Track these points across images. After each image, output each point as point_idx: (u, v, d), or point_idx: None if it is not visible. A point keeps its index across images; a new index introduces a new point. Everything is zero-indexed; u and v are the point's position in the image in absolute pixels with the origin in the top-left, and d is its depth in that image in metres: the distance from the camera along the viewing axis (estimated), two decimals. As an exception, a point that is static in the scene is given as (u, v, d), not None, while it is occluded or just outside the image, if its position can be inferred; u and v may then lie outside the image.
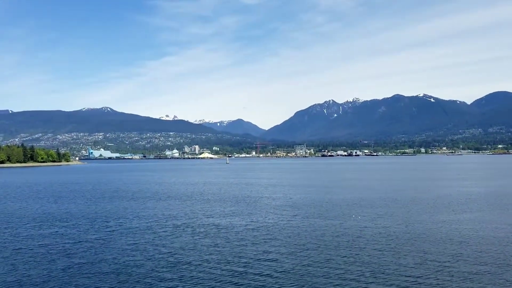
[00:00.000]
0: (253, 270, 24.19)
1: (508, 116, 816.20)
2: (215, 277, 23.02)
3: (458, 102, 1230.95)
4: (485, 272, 23.10)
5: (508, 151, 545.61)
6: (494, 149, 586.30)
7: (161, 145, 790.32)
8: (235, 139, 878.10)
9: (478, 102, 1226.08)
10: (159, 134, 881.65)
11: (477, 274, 22.65)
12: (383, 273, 23.22)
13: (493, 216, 41.28)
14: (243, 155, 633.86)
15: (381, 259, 26.08)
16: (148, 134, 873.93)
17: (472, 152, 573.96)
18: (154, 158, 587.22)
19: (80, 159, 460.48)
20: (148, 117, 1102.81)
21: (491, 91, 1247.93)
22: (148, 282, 22.41)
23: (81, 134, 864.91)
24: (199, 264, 25.57)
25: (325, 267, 24.54)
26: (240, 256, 27.18)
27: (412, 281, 21.75)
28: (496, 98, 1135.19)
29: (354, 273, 23.18)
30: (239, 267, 24.86)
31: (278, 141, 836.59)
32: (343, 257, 26.62)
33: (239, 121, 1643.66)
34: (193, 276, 23.34)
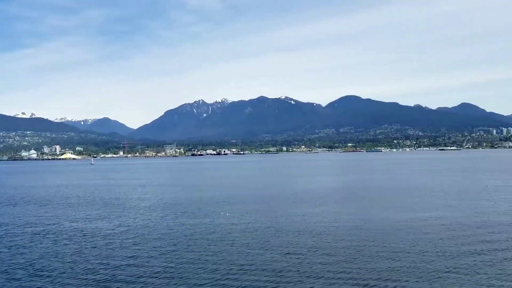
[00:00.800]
0: (121, 275, 23.14)
1: (356, 118, 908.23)
2: (80, 286, 21.52)
3: (314, 104, 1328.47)
4: (340, 260, 25.25)
5: (356, 149, 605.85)
6: (345, 147, 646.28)
7: (16, 145, 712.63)
8: (101, 139, 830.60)
9: (331, 105, 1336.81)
10: (13, 133, 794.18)
11: (333, 264, 24.63)
12: (251, 265, 24.02)
13: (346, 208, 45.44)
14: (110, 156, 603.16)
15: (249, 253, 26.95)
16: (1, 134, 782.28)
17: (326, 150, 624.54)
18: (7, 160, 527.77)
19: None
20: (1, 114, 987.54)
21: (343, 95, 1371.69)
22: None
23: None
24: (63, 273, 23.65)
25: (196, 265, 24.54)
26: (108, 262, 25.80)
27: (277, 273, 22.84)
28: (346, 101, 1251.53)
29: (224, 269, 23.57)
30: (106, 273, 23.57)
31: (148, 140, 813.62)
32: (214, 254, 26.92)
33: (106, 119, 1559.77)
34: (55, 287, 21.51)
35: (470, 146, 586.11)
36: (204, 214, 43.01)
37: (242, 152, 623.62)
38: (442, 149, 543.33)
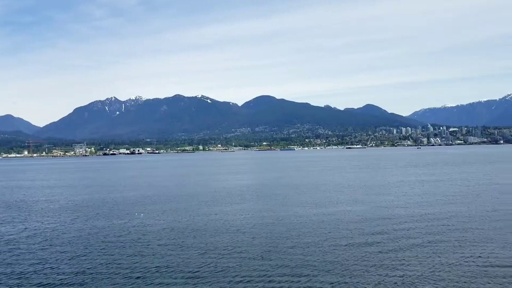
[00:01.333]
0: (27, 283, 21.53)
1: (271, 117, 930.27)
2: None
3: (231, 103, 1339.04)
4: (256, 258, 25.65)
5: (271, 148, 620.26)
6: (260, 146, 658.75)
7: None
8: (3, 137, 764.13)
9: (247, 104, 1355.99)
10: None
11: (248, 262, 24.96)
12: (167, 267, 23.55)
13: (262, 205, 46.30)
14: (13, 155, 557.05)
15: (166, 254, 26.43)
16: None
17: (242, 149, 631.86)
18: None
19: None
20: None
21: (258, 95, 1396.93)
22: None
23: None
24: (-42, 285, 21.45)
25: (110, 269, 23.52)
26: (12, 270, 23.87)
27: (194, 273, 22.64)
28: (262, 101, 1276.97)
29: (140, 272, 22.87)
30: (10, 282, 21.78)
31: (55, 139, 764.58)
32: (128, 257, 26.00)
33: (8, 117, 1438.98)
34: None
35: (373, 145, 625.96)
36: (118, 216, 41.42)
37: (157, 152, 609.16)
38: (349, 147, 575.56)
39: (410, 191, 55.68)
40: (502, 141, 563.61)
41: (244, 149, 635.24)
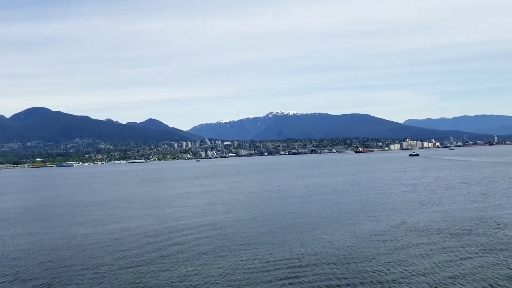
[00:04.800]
0: None
1: (45, 131, 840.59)
2: None
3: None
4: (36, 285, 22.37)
5: (45, 164, 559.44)
6: (33, 162, 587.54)
7: None
8: None
9: (17, 116, 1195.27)
10: None
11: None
12: None
13: (41, 228, 40.87)
14: None
15: None
16: None
17: (11, 166, 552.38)
18: None
19: None
20: None
21: (30, 106, 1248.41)
22: None
23: None
24: None
25: None
26: None
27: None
28: (34, 113, 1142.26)
29: None
30: None
31: None
32: None
33: None
34: None
35: (156, 158, 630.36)
36: None
37: None
38: (132, 162, 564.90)
39: (196, 202, 57.72)
40: (266, 153, 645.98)
41: (13, 166, 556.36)
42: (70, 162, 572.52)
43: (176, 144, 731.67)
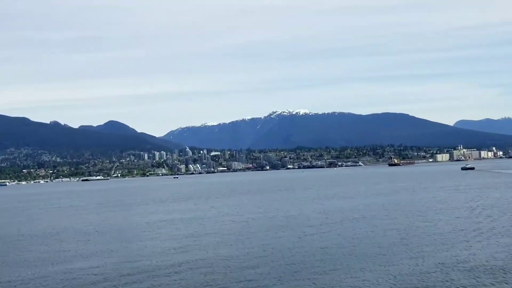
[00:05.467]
0: None
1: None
2: None
3: None
4: None
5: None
6: None
7: None
8: None
9: None
10: None
11: None
12: None
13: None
14: None
15: None
16: None
17: None
18: None
19: None
20: None
21: None
22: None
23: None
24: None
25: None
26: None
27: None
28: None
29: None
30: None
31: None
32: None
33: None
34: None
35: (119, 175, 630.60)
36: None
37: None
38: (87, 179, 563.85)
39: (174, 233, 57.62)
40: (268, 167, 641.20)
41: None
42: (2, 180, 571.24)
43: (146, 156, 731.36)
